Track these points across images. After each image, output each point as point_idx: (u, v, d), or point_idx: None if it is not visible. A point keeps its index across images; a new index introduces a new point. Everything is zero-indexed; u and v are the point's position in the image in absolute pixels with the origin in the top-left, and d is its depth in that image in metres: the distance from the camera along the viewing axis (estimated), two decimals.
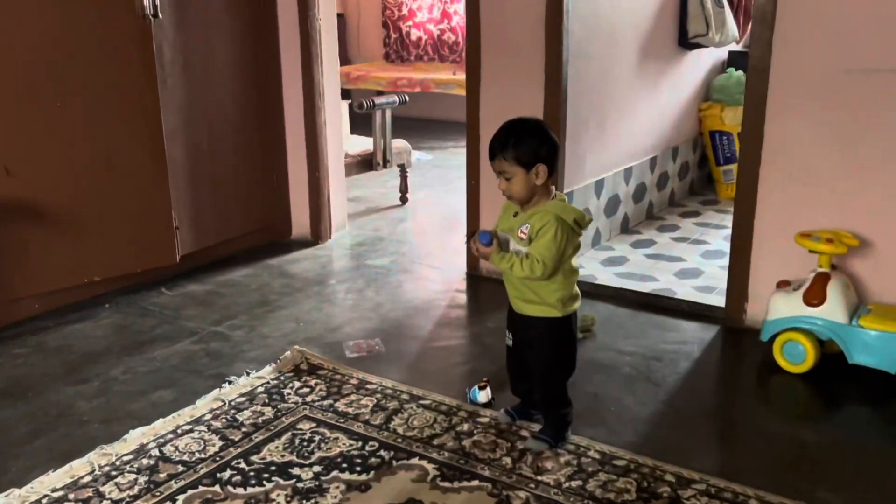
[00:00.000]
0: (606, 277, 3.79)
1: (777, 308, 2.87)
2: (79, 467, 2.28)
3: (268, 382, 2.78)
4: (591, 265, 3.97)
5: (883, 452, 2.38)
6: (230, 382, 2.78)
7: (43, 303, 3.38)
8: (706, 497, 2.12)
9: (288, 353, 2.99)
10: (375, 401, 2.64)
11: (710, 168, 5.41)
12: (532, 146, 2.21)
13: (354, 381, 2.78)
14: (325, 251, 4.32)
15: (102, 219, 3.45)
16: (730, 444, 2.50)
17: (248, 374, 2.84)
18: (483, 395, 2.61)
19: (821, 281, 2.78)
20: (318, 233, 4.44)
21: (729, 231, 3.27)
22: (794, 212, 3.03)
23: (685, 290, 3.61)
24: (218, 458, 2.32)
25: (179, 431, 2.47)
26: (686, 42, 4.90)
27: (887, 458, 2.35)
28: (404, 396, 2.67)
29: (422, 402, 2.63)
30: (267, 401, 2.65)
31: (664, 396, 2.71)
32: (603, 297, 3.55)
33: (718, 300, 3.36)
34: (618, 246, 4.28)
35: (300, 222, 4.49)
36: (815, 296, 2.77)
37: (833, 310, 2.75)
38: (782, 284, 2.95)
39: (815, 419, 2.65)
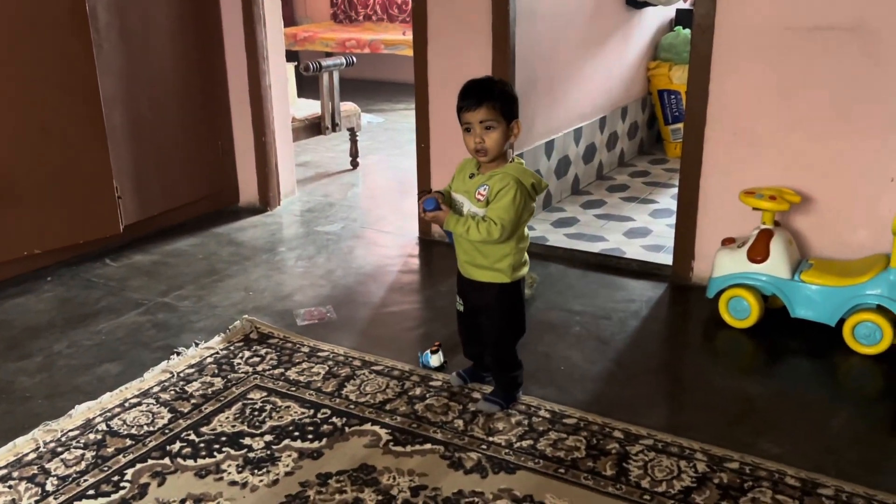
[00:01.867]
0: (557, 239, 3.81)
1: (722, 265, 2.92)
2: (23, 444, 2.23)
3: (217, 353, 2.74)
4: (542, 227, 3.99)
5: (822, 402, 2.46)
6: (178, 354, 2.74)
7: None
8: (653, 452, 2.17)
9: (237, 322, 2.95)
10: (327, 368, 2.63)
11: (659, 127, 5.45)
12: (513, 101, 2.21)
13: (306, 349, 2.76)
14: (274, 218, 4.26)
15: (40, 189, 3.34)
16: (677, 400, 2.55)
17: (196, 344, 2.80)
18: (435, 359, 2.62)
19: (764, 238, 2.84)
20: (266, 199, 4.37)
21: (677, 190, 3.31)
22: (738, 170, 3.07)
23: (634, 250, 3.65)
24: (167, 431, 2.29)
25: (127, 405, 2.43)
26: (634, 1, 4.89)
27: (826, 407, 2.42)
28: (356, 363, 2.66)
29: (374, 367, 2.63)
30: (216, 371, 2.62)
31: (613, 354, 2.75)
32: (553, 259, 3.58)
33: (666, 259, 3.41)
34: (569, 207, 4.30)
35: (248, 189, 4.41)
36: (758, 252, 2.83)
37: (776, 266, 2.81)
38: (727, 242, 3.00)
39: (759, 373, 2.72)
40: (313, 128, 4.88)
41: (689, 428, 2.29)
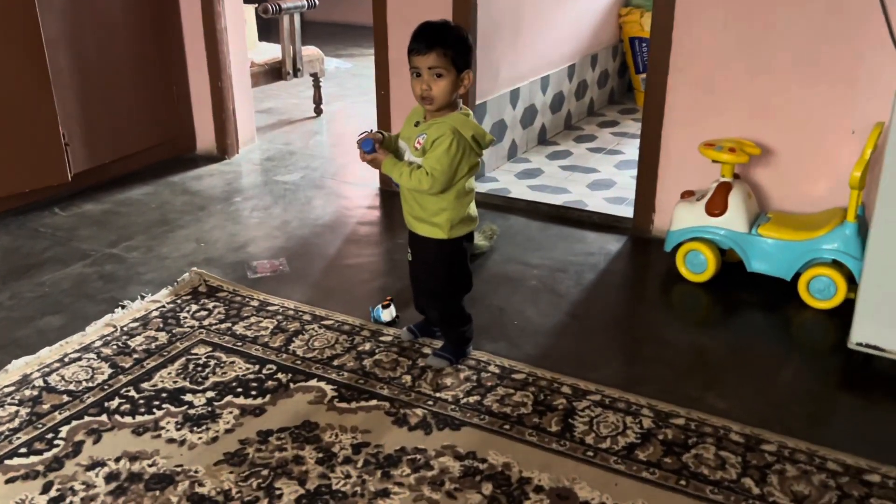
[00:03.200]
0: (520, 190, 3.75)
1: (680, 218, 2.88)
2: None
3: (163, 306, 2.68)
4: (505, 178, 3.92)
5: (772, 356, 2.44)
6: (123, 307, 2.67)
7: None
8: (600, 408, 2.15)
9: (186, 274, 2.88)
10: (276, 322, 2.58)
11: (629, 76, 5.36)
12: (467, 51, 2.10)
13: (255, 303, 2.70)
14: (232, 167, 4.15)
15: None
16: (628, 354, 2.52)
17: (142, 297, 2.74)
18: (386, 314, 2.57)
19: (722, 191, 2.79)
20: (223, 147, 4.26)
21: None
22: (700, 121, 3.01)
23: (597, 202, 3.60)
24: (106, 387, 2.23)
25: (66, 360, 2.36)
26: None
27: (775, 361, 2.41)
28: (306, 317, 2.61)
29: (324, 322, 2.58)
30: (161, 325, 2.56)
31: (567, 308, 2.72)
32: (515, 211, 3.52)
33: (628, 211, 3.36)
34: (534, 158, 4.23)
35: (205, 137, 4.29)
36: (716, 206, 2.79)
37: (733, 219, 2.77)
38: (686, 195, 2.95)
39: (712, 327, 2.70)
40: (274, 73, 4.73)
41: (638, 382, 2.27)
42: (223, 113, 4.18)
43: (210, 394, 2.21)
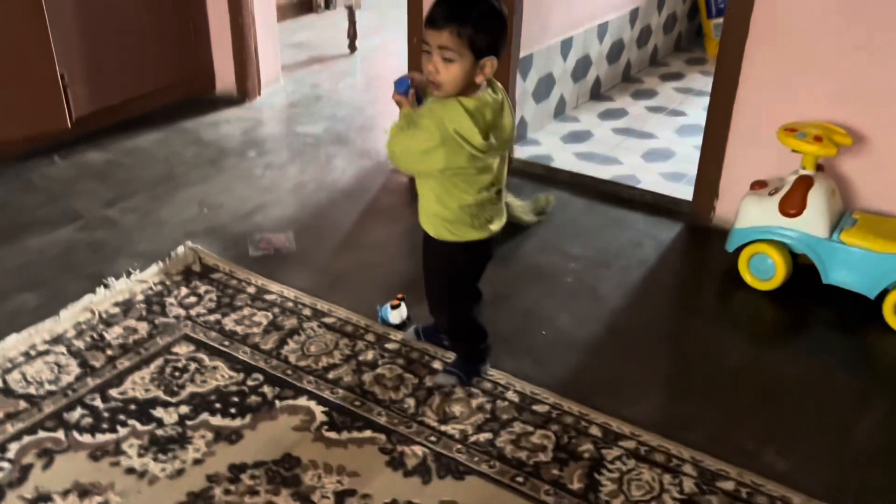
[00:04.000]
0: (565, 158, 3.33)
1: (748, 214, 2.46)
2: None
3: (150, 288, 2.39)
4: (549, 141, 3.49)
5: (849, 396, 2.06)
6: (106, 286, 2.39)
7: None
8: (634, 460, 1.81)
9: (181, 248, 2.58)
10: (271, 317, 2.27)
11: (700, 19, 4.79)
12: (495, 31, 1.66)
13: (252, 290, 2.40)
14: (251, 113, 3.80)
15: None
16: (674, 385, 2.14)
17: (129, 274, 2.45)
18: (395, 315, 2.24)
19: (802, 186, 2.35)
20: (243, 90, 3.90)
21: None
22: (782, 98, 2.54)
23: (651, 178, 3.17)
24: (70, 392, 1.97)
25: (33, 353, 2.10)
26: None
27: (852, 405, 2.02)
28: (306, 312, 2.30)
29: (325, 319, 2.26)
30: (144, 313, 2.28)
31: (606, 317, 2.35)
32: (557, 183, 3.11)
33: (687, 192, 2.93)
34: (584, 116, 3.78)
35: (225, 76, 3.93)
36: (793, 204, 2.35)
37: (812, 221, 2.34)
38: (757, 185, 2.52)
39: (776, 350, 2.30)
40: (303, 5, 4.34)
41: (683, 425, 1.92)
42: (244, 52, 3.81)
43: (184, 409, 1.93)
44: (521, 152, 3.33)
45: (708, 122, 2.74)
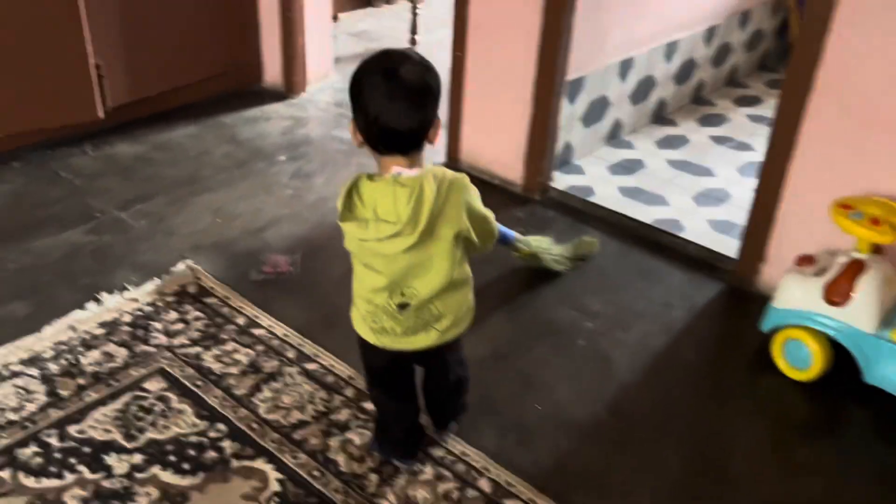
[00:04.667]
0: (607, 191, 3.09)
1: (788, 294, 2.18)
2: None
3: (140, 309, 2.31)
4: (594, 169, 3.25)
5: None
6: (98, 301, 2.33)
7: None
8: None
9: (180, 265, 2.50)
10: (254, 355, 2.16)
11: (789, 37, 4.39)
12: (352, 98, 1.56)
13: (241, 321, 2.29)
14: (293, 110, 3.69)
15: None
16: (671, 485, 1.90)
17: (125, 289, 2.38)
18: None
19: (851, 272, 2.07)
20: (290, 84, 3.79)
21: None
22: (845, 162, 2.24)
23: (698, 225, 2.89)
24: (29, 425, 1.90)
25: (6, 373, 2.05)
26: None
27: None
28: (290, 354, 2.17)
29: (307, 365, 2.13)
30: (127, 338, 2.20)
31: (612, 393, 2.13)
32: (592, 221, 2.88)
33: (734, 247, 2.65)
34: (640, 142, 3.51)
35: (272, 68, 3.83)
36: (839, 291, 2.07)
37: (858, 313, 2.05)
38: (803, 261, 2.23)
39: (801, 456, 2.03)
40: None
41: None
42: (291, 45, 3.68)
43: (137, 458, 1.83)
44: (562, 181, 3.11)
45: (762, 176, 2.46)
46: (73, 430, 1.90)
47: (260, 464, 1.84)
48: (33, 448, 1.85)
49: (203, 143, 3.33)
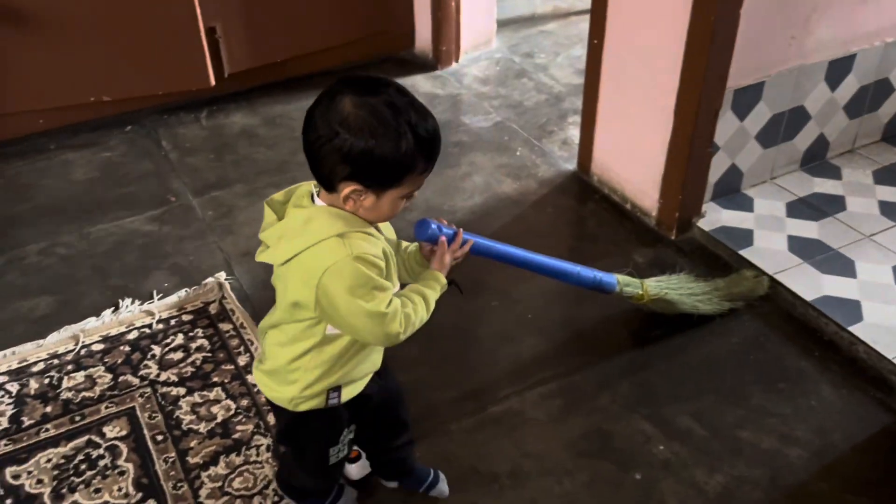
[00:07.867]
0: (773, 244, 2.27)
1: None
2: None
3: (150, 326, 2.07)
4: (770, 204, 2.42)
5: None
6: (116, 309, 2.13)
7: (49, 119, 2.90)
8: None
9: (211, 280, 2.22)
10: (231, 413, 1.83)
11: None
12: None
13: (243, 361, 1.97)
14: (434, 85, 3.24)
15: (108, 26, 2.73)
16: None
17: (149, 298, 2.16)
18: (356, 469, 1.67)
19: None
20: (438, 53, 3.33)
21: None
22: None
23: (888, 315, 2.03)
24: None
25: None
26: None
27: None
28: (270, 419, 1.82)
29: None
30: (119, 362, 1.97)
31: None
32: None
33: None
34: (852, 169, 2.58)
35: (423, 34, 3.39)
36: None
37: None
38: None
39: None
40: None
41: None
42: (441, 9, 3.21)
43: None
44: (715, 217, 2.37)
45: None
46: (8, 473, 1.72)
47: None
48: None
49: None
